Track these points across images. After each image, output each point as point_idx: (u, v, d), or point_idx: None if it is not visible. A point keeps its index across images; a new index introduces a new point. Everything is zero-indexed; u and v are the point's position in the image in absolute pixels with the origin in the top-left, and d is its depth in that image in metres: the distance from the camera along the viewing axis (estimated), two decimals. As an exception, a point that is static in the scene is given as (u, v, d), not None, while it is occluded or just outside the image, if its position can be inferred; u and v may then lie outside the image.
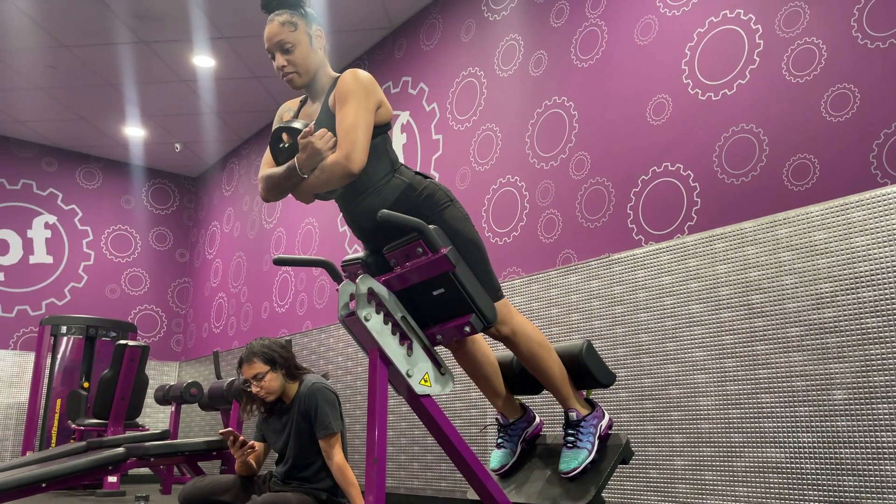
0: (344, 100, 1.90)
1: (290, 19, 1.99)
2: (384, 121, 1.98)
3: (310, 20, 2.03)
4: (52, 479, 3.42)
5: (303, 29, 2.00)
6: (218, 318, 7.10)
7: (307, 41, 2.00)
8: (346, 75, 1.93)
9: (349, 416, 4.46)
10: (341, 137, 1.87)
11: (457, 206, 2.03)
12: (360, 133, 1.86)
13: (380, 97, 1.95)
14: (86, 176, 7.46)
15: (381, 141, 1.98)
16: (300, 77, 2.01)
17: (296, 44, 1.98)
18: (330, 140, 1.88)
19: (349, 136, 1.86)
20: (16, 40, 5.36)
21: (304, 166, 1.89)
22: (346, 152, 1.85)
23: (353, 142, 1.85)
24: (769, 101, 2.80)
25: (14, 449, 6.52)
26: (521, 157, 3.91)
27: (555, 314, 3.28)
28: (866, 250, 2.28)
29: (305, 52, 1.99)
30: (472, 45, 4.43)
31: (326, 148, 1.88)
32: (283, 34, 1.97)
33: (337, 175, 1.87)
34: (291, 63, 1.99)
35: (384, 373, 1.90)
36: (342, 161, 1.85)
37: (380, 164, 1.97)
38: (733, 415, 2.53)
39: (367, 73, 1.97)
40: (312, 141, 1.86)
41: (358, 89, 1.90)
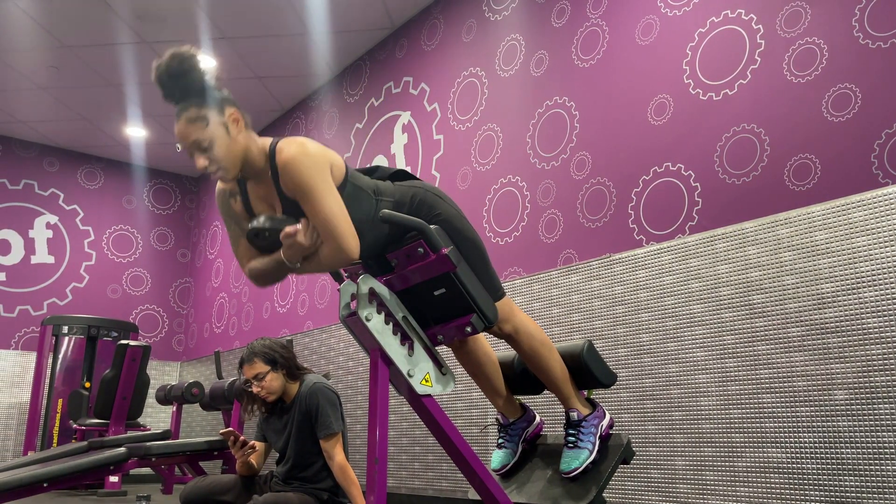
0: (302, 194, 1.77)
1: (198, 114, 1.76)
2: (341, 177, 1.85)
3: (222, 105, 1.80)
4: (53, 479, 3.42)
5: (216, 121, 1.77)
6: (219, 318, 7.10)
7: (224, 133, 1.78)
8: (287, 163, 1.77)
9: (350, 415, 4.46)
10: (324, 233, 1.78)
11: (449, 203, 2.02)
12: (339, 223, 1.77)
13: (328, 162, 1.81)
14: (87, 176, 7.47)
15: (351, 189, 1.87)
16: (228, 172, 1.81)
17: (212, 140, 1.76)
18: (312, 231, 1.78)
19: (331, 230, 1.77)
20: (18, 40, 5.37)
21: (293, 259, 1.81)
22: (338, 245, 1.77)
23: (337, 235, 1.77)
24: (770, 101, 2.80)
25: (16, 449, 6.53)
26: (523, 157, 3.91)
27: (556, 314, 3.28)
28: (867, 250, 2.27)
29: (225, 146, 1.78)
30: (474, 46, 4.43)
31: (312, 241, 1.79)
32: (196, 133, 1.76)
33: (338, 264, 1.83)
34: (213, 161, 1.78)
35: (385, 373, 1.90)
36: (339, 254, 1.79)
37: (363, 205, 1.89)
38: (734, 415, 2.53)
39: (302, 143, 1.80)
40: (298, 241, 1.77)
41: (310, 177, 1.75)
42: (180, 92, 1.78)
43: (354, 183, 1.89)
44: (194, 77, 1.77)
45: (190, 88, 1.77)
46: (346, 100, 5.71)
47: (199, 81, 1.78)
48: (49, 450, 4.71)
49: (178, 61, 1.74)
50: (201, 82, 1.78)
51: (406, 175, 2.07)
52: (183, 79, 1.76)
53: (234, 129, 1.81)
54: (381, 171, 2.06)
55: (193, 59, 1.76)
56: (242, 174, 1.88)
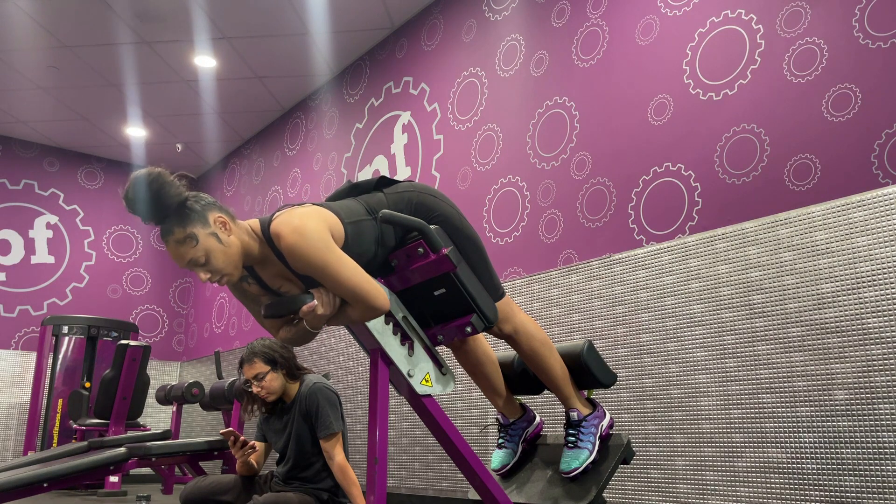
0: (317, 272, 1.72)
1: (184, 234, 1.70)
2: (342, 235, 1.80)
3: (204, 214, 1.73)
4: (53, 479, 3.42)
5: (204, 234, 1.71)
6: (219, 318, 7.10)
7: (215, 242, 1.72)
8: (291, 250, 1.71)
9: (350, 416, 4.46)
10: (351, 301, 1.76)
11: (445, 202, 2.01)
12: (362, 287, 1.75)
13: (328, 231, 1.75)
14: (87, 176, 7.47)
15: (351, 230, 1.83)
16: (232, 276, 1.77)
17: (207, 254, 1.71)
18: (330, 303, 1.76)
19: (358, 297, 1.75)
20: (17, 40, 5.37)
21: (317, 326, 1.80)
22: (368, 307, 1.77)
23: (365, 298, 1.76)
24: (770, 101, 2.80)
25: (16, 449, 6.53)
26: (523, 157, 3.91)
27: (556, 314, 3.28)
28: (867, 250, 2.27)
29: (222, 255, 1.73)
30: (474, 46, 4.43)
31: (333, 308, 1.77)
32: (189, 253, 1.71)
33: (372, 319, 1.83)
34: (215, 272, 1.74)
35: (385, 373, 1.90)
36: (369, 313, 1.79)
37: (365, 236, 1.87)
38: (734, 415, 2.53)
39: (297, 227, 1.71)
40: (319, 314, 1.75)
41: (318, 258, 1.70)
42: (159, 215, 1.70)
43: (351, 222, 1.84)
44: (168, 197, 1.69)
45: (167, 209, 1.70)
46: (346, 100, 5.71)
47: (175, 199, 1.70)
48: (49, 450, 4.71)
49: (145, 186, 1.66)
50: (177, 199, 1.71)
51: (388, 181, 2.01)
52: (156, 202, 1.68)
53: (225, 234, 1.74)
54: (361, 185, 1.99)
55: (160, 177, 1.68)
56: (246, 264, 1.84)
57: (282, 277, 1.86)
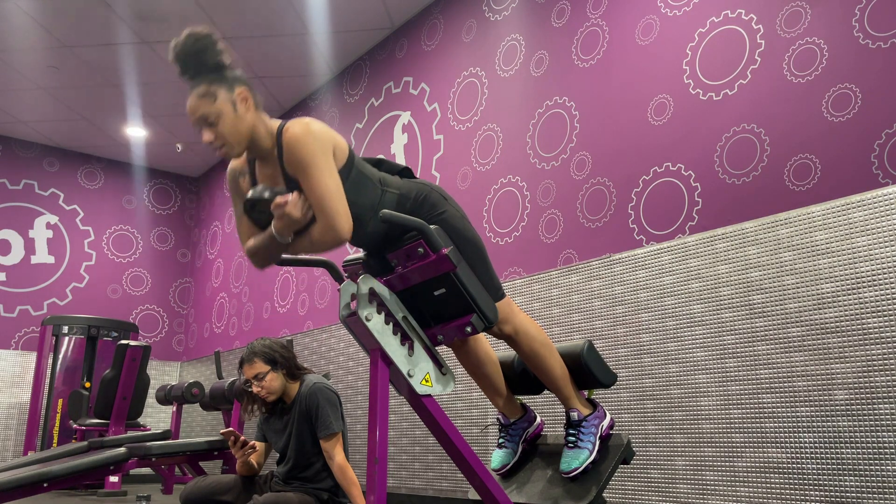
0: (302, 169, 1.81)
1: (208, 90, 1.83)
2: (343, 161, 1.88)
3: (231, 83, 1.86)
4: (53, 479, 3.42)
5: (224, 97, 1.84)
6: (219, 318, 7.10)
7: (231, 109, 1.84)
8: (290, 140, 1.82)
9: (350, 415, 4.46)
10: (317, 210, 1.80)
11: (452, 204, 2.03)
12: (333, 200, 1.79)
13: (332, 143, 1.85)
14: (87, 176, 7.47)
15: (355, 174, 1.90)
16: (233, 148, 1.87)
17: (219, 115, 1.83)
18: (304, 205, 1.81)
19: (326, 209, 1.79)
20: (18, 40, 5.37)
21: (284, 233, 1.84)
22: (330, 224, 1.80)
23: (330, 213, 1.79)
24: (770, 101, 2.80)
25: (16, 449, 6.53)
26: (523, 157, 3.91)
27: (556, 314, 3.28)
28: (868, 250, 2.27)
29: (231, 123, 1.84)
30: (474, 46, 4.43)
31: (302, 213, 1.81)
32: (203, 108, 1.83)
33: (329, 245, 1.84)
34: (219, 136, 1.84)
35: (385, 373, 1.90)
36: (330, 233, 1.81)
37: (367, 192, 1.92)
38: (734, 415, 2.53)
39: (307, 123, 1.84)
40: (287, 211, 1.79)
41: (312, 153, 1.80)
42: (194, 69, 1.85)
43: (360, 170, 1.92)
44: (208, 55, 1.84)
45: (203, 66, 1.84)
46: (346, 100, 5.71)
47: (213, 60, 1.85)
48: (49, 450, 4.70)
49: (193, 40, 1.82)
50: (214, 61, 1.85)
51: (411, 174, 2.09)
52: (197, 57, 1.83)
53: (242, 108, 1.86)
54: (388, 164, 2.08)
55: (208, 38, 1.84)
56: (250, 153, 1.94)
57: (272, 181, 1.93)
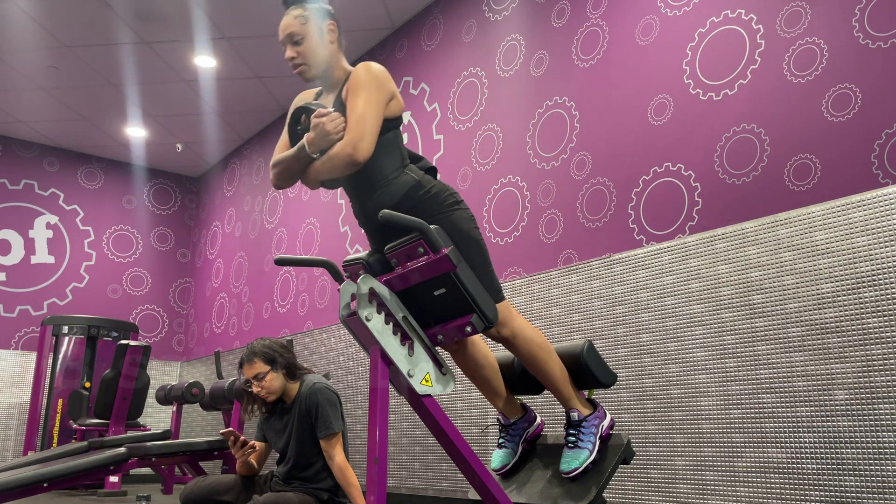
0: (355, 91, 1.94)
1: (302, 13, 2.03)
2: (395, 114, 2.01)
3: (324, 14, 2.06)
4: (53, 479, 3.42)
5: (314, 22, 2.03)
6: (219, 318, 7.10)
7: (317, 34, 2.03)
8: (359, 68, 1.97)
9: (350, 415, 4.46)
10: (350, 127, 1.91)
11: (463, 207, 2.03)
12: (367, 124, 1.90)
13: (391, 90, 1.98)
14: (87, 176, 7.47)
15: (393, 136, 2.01)
16: (309, 69, 2.04)
17: (305, 36, 2.02)
18: (340, 123, 1.93)
19: (357, 126, 1.89)
20: (17, 40, 5.37)
21: (313, 145, 1.94)
22: (353, 141, 1.89)
23: (360, 132, 1.89)
24: (770, 101, 2.80)
25: (16, 449, 6.53)
26: (523, 158, 3.91)
27: (556, 314, 3.28)
28: (867, 250, 2.27)
29: (315, 44, 2.02)
30: (474, 46, 4.43)
31: (336, 131, 1.92)
32: (294, 26, 2.02)
33: (342, 163, 1.91)
34: (301, 54, 2.03)
35: (385, 373, 1.90)
36: (348, 149, 1.89)
37: (390, 158, 2.00)
38: (734, 415, 2.53)
39: (381, 66, 2.00)
40: (323, 122, 1.91)
41: (370, 82, 1.93)
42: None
43: (397, 138, 2.02)
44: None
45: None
46: (346, 100, 5.70)
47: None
48: (49, 450, 4.70)
49: None
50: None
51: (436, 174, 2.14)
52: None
53: (328, 37, 2.05)
54: (423, 162, 2.15)
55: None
56: (322, 83, 2.11)
57: None
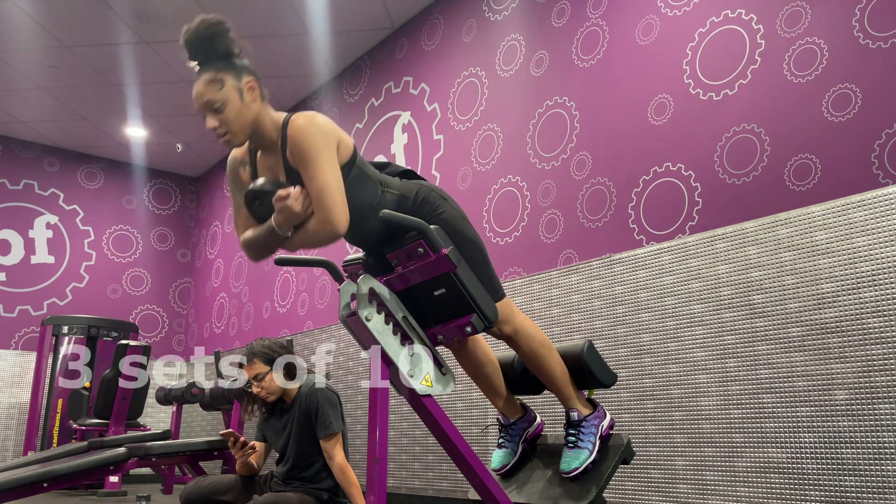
0: (304, 161, 1.80)
1: (215, 76, 1.84)
2: (347, 158, 1.88)
3: (239, 72, 1.86)
4: (53, 479, 3.42)
5: (231, 85, 1.84)
6: (219, 318, 7.10)
7: (237, 97, 1.84)
8: (297, 131, 1.82)
9: (350, 416, 4.46)
10: (316, 203, 1.79)
11: (452, 204, 2.02)
12: (332, 193, 1.78)
13: (336, 139, 1.85)
14: (87, 176, 7.47)
15: (357, 171, 1.90)
16: (236, 136, 1.86)
17: (224, 102, 1.83)
18: (305, 199, 1.80)
19: (323, 201, 1.78)
20: (17, 40, 5.36)
21: (283, 227, 1.83)
22: (325, 217, 1.79)
23: (328, 206, 1.78)
24: (770, 101, 2.80)
25: (16, 449, 6.52)
26: (523, 158, 3.91)
27: (556, 314, 3.28)
28: (868, 250, 2.27)
29: (236, 110, 1.84)
30: (474, 46, 4.43)
31: (303, 208, 1.80)
32: (210, 93, 1.83)
33: (324, 238, 1.82)
34: (223, 123, 1.84)
35: (385, 373, 1.90)
36: (326, 226, 1.79)
37: (366, 191, 1.92)
38: (735, 415, 2.53)
39: (313, 115, 1.85)
40: (288, 204, 1.78)
41: (314, 145, 1.79)
42: (203, 55, 1.86)
43: (361, 168, 1.92)
44: (218, 43, 1.85)
45: (212, 53, 1.86)
46: (346, 100, 5.71)
47: (223, 47, 1.86)
48: (49, 450, 4.70)
49: (205, 26, 1.85)
50: (224, 49, 1.86)
51: (414, 175, 2.09)
52: (207, 43, 1.85)
53: (249, 97, 1.86)
54: (392, 167, 2.09)
55: (220, 26, 1.86)
56: (253, 143, 1.95)
57: (273, 173, 1.93)
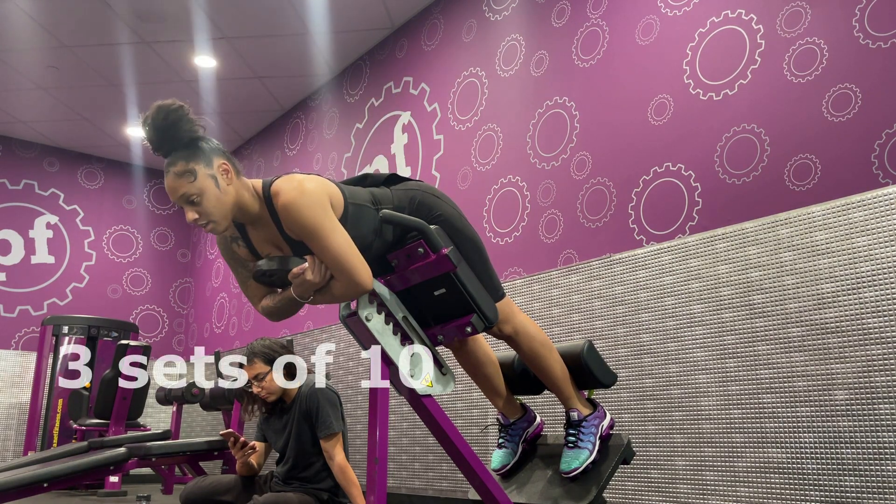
0: (308, 236, 1.76)
1: (185, 168, 1.74)
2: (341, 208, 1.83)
3: (209, 156, 1.77)
4: (53, 479, 3.42)
5: (203, 173, 1.75)
6: (219, 318, 7.10)
7: (212, 185, 1.75)
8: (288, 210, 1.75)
9: (350, 416, 4.46)
10: (336, 272, 1.77)
11: (447, 202, 2.01)
12: (349, 258, 1.76)
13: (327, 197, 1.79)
14: (87, 176, 7.47)
15: (352, 212, 1.85)
16: (219, 224, 1.79)
17: (200, 193, 1.74)
18: (321, 267, 1.78)
19: (342, 268, 1.76)
20: (17, 40, 5.36)
21: (304, 296, 1.82)
22: (350, 281, 1.77)
23: (349, 271, 1.76)
24: (770, 101, 2.80)
25: (16, 449, 6.52)
26: (523, 158, 3.91)
27: (556, 314, 3.28)
28: (868, 250, 2.27)
29: (214, 199, 1.76)
30: (474, 46, 4.43)
31: (322, 278, 1.78)
32: (184, 187, 1.74)
33: (353, 297, 1.83)
34: (203, 214, 1.76)
35: (385, 373, 1.90)
36: (351, 288, 1.79)
37: (366, 221, 1.88)
38: (735, 415, 2.53)
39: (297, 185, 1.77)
40: (308, 279, 1.78)
41: (313, 219, 1.74)
42: (168, 145, 1.76)
43: (353, 203, 1.87)
44: (181, 130, 1.74)
45: (177, 142, 1.75)
46: (346, 100, 5.71)
47: (187, 134, 1.76)
48: (49, 450, 4.70)
49: (163, 115, 1.73)
50: (189, 135, 1.76)
51: (398, 178, 2.04)
52: (169, 132, 1.74)
53: (224, 181, 1.78)
54: (373, 178, 2.03)
55: (180, 111, 1.73)
56: (239, 220, 1.87)
57: (272, 244, 1.89)
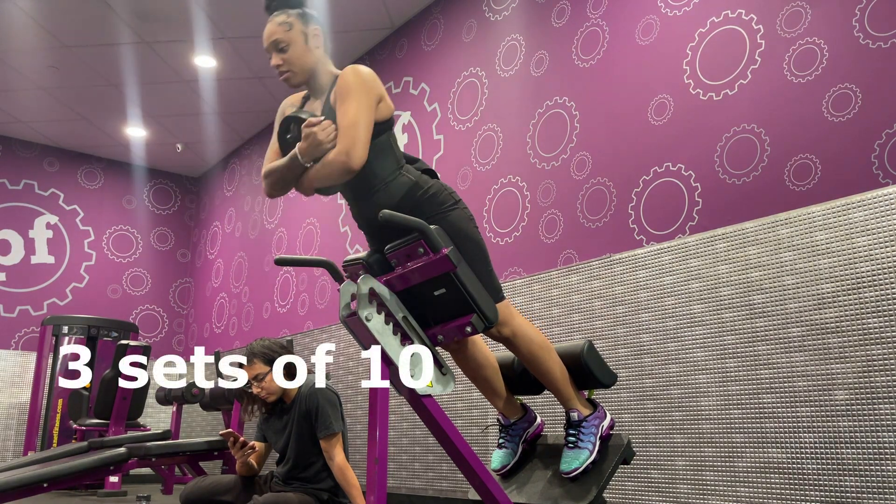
0: (344, 96, 1.92)
1: (286, 19, 2.02)
2: (385, 117, 1.98)
3: (307, 20, 2.04)
4: (53, 479, 3.42)
5: (298, 28, 2.02)
6: (219, 318, 7.10)
7: (302, 40, 2.02)
8: (347, 72, 1.96)
9: (350, 416, 4.46)
10: (341, 134, 1.89)
11: (462, 206, 2.03)
12: (359, 130, 1.89)
13: (380, 93, 1.97)
14: (87, 176, 7.47)
15: (386, 138, 1.99)
16: (295, 76, 2.04)
17: (290, 42, 2.01)
18: (332, 132, 1.91)
19: (349, 133, 1.88)
20: (17, 40, 5.37)
21: (306, 155, 1.93)
22: (346, 148, 1.88)
23: (352, 138, 1.88)
24: (771, 101, 2.80)
25: (16, 449, 6.53)
26: (523, 158, 3.91)
27: (556, 314, 3.28)
28: (868, 250, 2.27)
29: (300, 51, 2.02)
30: (474, 46, 4.43)
31: (328, 139, 1.91)
32: (279, 34, 2.01)
33: (337, 171, 1.90)
34: (286, 62, 2.02)
35: (385, 373, 1.90)
36: (342, 157, 1.88)
37: (385, 161, 1.98)
38: (735, 415, 2.53)
39: (369, 68, 1.99)
40: (315, 131, 1.90)
41: (358, 86, 1.92)
42: (279, 3, 2.04)
43: (390, 140, 2.01)
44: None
45: (287, 3, 2.04)
46: (346, 100, 5.70)
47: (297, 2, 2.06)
48: (49, 450, 4.70)
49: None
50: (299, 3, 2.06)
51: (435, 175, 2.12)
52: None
53: (312, 42, 2.04)
54: (419, 163, 2.13)
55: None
56: (308, 89, 2.11)
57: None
